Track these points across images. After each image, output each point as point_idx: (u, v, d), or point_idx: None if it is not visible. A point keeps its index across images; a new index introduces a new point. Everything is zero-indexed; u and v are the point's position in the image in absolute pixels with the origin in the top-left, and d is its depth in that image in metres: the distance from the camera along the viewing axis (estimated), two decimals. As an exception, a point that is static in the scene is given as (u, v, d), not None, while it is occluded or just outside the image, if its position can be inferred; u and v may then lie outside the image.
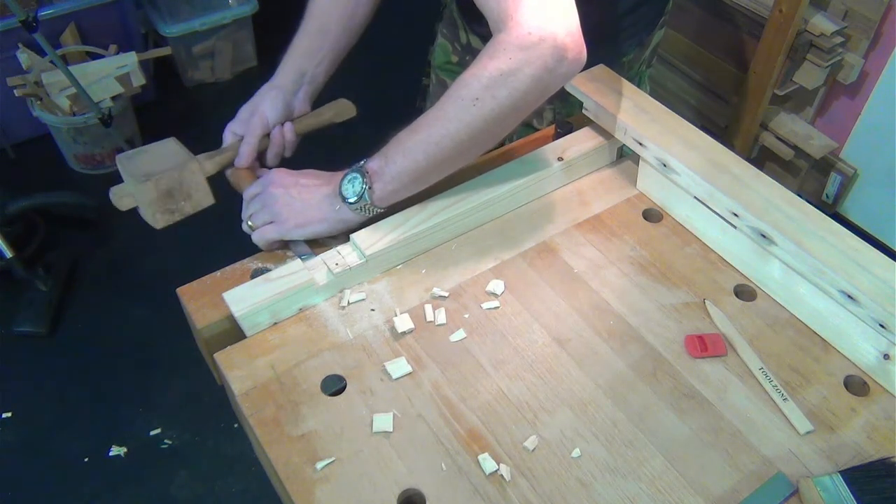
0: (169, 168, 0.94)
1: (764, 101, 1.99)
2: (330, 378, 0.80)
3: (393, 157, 0.85)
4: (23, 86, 2.12)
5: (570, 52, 0.79)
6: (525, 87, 0.80)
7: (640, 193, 1.01)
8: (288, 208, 0.89)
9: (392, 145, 0.86)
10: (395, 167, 0.85)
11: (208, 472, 1.68)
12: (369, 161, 0.87)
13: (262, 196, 0.92)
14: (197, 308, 0.85)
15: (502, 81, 0.79)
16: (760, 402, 0.79)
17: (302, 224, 0.89)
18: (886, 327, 0.76)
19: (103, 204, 1.56)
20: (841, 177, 2.06)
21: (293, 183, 0.91)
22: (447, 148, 0.83)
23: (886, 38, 1.86)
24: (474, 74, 0.81)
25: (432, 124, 0.83)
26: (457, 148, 0.83)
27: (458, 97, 0.81)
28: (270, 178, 0.92)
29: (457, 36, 1.22)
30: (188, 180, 0.95)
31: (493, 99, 0.80)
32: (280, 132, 1.02)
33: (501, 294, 0.88)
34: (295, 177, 0.92)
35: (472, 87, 0.81)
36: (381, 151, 0.87)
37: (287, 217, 0.89)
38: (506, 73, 0.79)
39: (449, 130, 0.82)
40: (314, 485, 0.71)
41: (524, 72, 0.79)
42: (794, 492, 0.72)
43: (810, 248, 0.80)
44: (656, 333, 0.85)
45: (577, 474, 0.73)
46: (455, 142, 0.83)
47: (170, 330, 1.81)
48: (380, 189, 0.86)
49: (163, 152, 0.96)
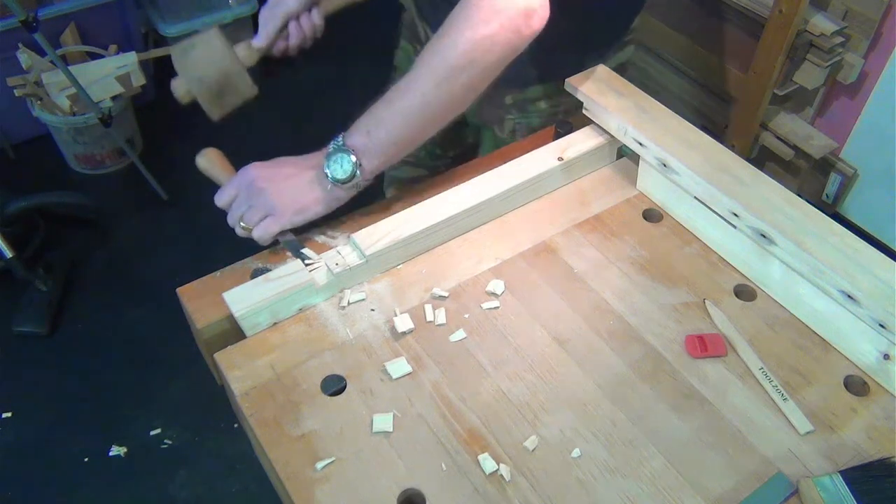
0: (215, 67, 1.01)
1: (764, 101, 1.99)
2: (330, 378, 0.80)
3: (375, 132, 0.87)
4: (23, 86, 2.12)
5: (537, 13, 0.84)
6: (500, 51, 0.84)
7: (640, 193, 1.01)
8: (280, 199, 0.89)
9: (370, 119, 0.87)
10: (379, 141, 0.87)
11: (208, 472, 1.68)
12: (348, 137, 0.88)
13: (246, 196, 0.90)
14: (197, 308, 0.85)
15: (478, 48, 0.82)
16: (760, 402, 0.79)
17: (299, 210, 0.89)
18: (886, 327, 0.76)
19: (103, 204, 1.56)
20: (841, 177, 2.06)
21: (275, 174, 0.90)
22: (428, 116, 0.87)
23: (886, 38, 1.85)
24: (451, 42, 0.83)
25: (411, 95, 0.86)
26: (437, 115, 0.87)
27: (434, 66, 0.84)
28: (248, 176, 0.90)
29: (418, 38, 1.24)
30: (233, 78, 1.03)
31: (470, 66, 0.83)
32: (308, 17, 1.05)
33: (501, 294, 0.88)
34: (272, 168, 0.91)
35: (448, 57, 0.83)
36: (359, 127, 0.88)
37: (283, 208, 0.89)
38: (481, 40, 0.82)
39: (428, 100, 0.85)
40: (314, 485, 0.71)
41: (499, 36, 0.82)
42: (794, 492, 0.72)
43: (810, 248, 0.80)
44: (656, 333, 0.85)
45: (577, 474, 0.73)
46: (435, 109, 0.86)
47: (170, 330, 1.81)
48: (368, 164, 0.88)
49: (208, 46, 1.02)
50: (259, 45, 1.05)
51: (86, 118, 2.13)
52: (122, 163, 2.35)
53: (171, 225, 2.22)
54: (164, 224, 2.23)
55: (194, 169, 0.98)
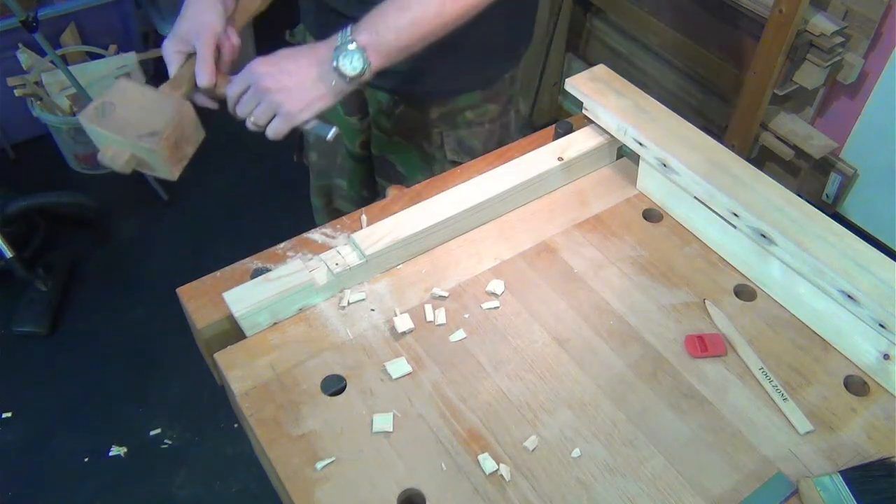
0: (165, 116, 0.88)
1: (764, 101, 1.98)
2: (330, 378, 0.80)
3: (384, 34, 0.88)
4: (23, 86, 2.12)
5: None
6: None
7: (640, 193, 1.01)
8: (287, 97, 0.89)
9: (380, 20, 0.89)
10: (387, 43, 0.88)
11: (208, 472, 1.68)
12: (358, 33, 0.88)
13: (253, 93, 0.90)
14: (197, 308, 0.85)
15: None
16: (760, 402, 0.79)
17: (305, 107, 0.90)
18: (886, 327, 0.76)
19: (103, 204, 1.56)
20: (841, 177, 2.06)
21: (279, 71, 0.90)
22: (437, 26, 0.89)
23: (886, 38, 1.85)
24: None
25: (426, 4, 0.88)
26: (446, 26, 0.90)
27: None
28: (254, 72, 0.90)
29: None
30: (187, 123, 0.91)
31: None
32: (228, 39, 0.96)
33: (501, 294, 0.88)
34: (277, 64, 0.90)
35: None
36: (368, 25, 0.89)
37: (290, 107, 0.89)
38: None
39: (443, 11, 0.87)
40: (314, 485, 0.71)
41: None
42: (794, 492, 0.72)
43: (810, 248, 0.80)
44: (656, 333, 0.85)
45: (577, 474, 0.73)
46: (446, 20, 0.89)
47: (170, 330, 1.82)
48: (375, 62, 0.89)
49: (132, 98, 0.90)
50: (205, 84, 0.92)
51: (86, 118, 2.13)
52: (122, 163, 2.34)
53: (171, 225, 2.22)
54: (164, 224, 2.23)
55: (194, 168, 0.98)
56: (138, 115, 0.88)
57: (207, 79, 0.92)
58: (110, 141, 0.89)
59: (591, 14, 2.36)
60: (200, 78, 0.92)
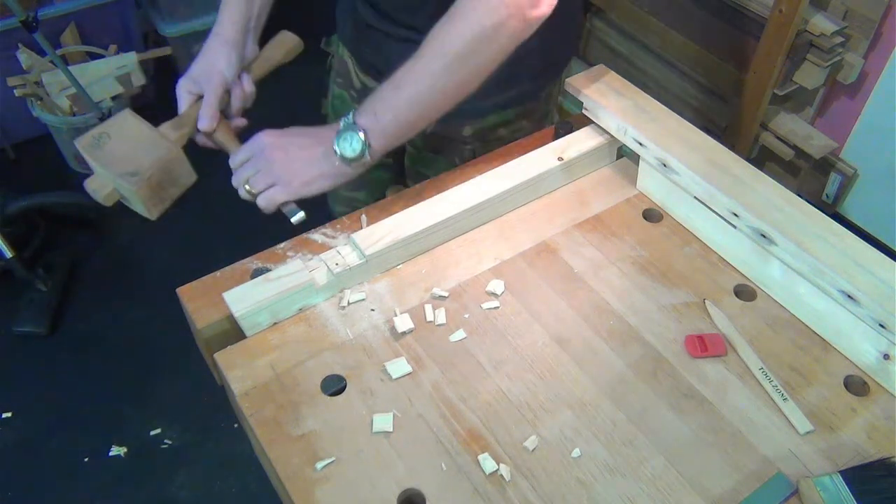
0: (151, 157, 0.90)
1: (764, 101, 1.98)
2: (330, 378, 0.80)
3: (382, 115, 0.88)
4: (23, 86, 2.12)
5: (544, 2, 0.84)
6: (506, 38, 0.84)
7: (640, 193, 1.01)
8: (289, 169, 0.89)
9: (377, 101, 0.88)
10: (386, 123, 0.88)
11: (208, 472, 1.68)
12: (358, 116, 0.88)
13: (256, 160, 0.91)
14: (197, 308, 0.85)
15: (486, 36, 0.83)
16: (760, 402, 0.79)
17: (307, 182, 0.90)
18: (886, 327, 0.76)
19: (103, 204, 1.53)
20: (841, 177, 2.06)
21: (288, 143, 0.91)
22: (435, 101, 0.88)
23: (886, 38, 1.85)
24: (459, 30, 0.84)
25: (419, 80, 0.86)
26: (443, 100, 0.88)
27: (443, 53, 0.85)
28: (261, 141, 0.91)
29: (350, 82, 1.21)
30: (175, 167, 0.93)
31: (477, 53, 0.84)
32: (240, 86, 1.00)
33: (501, 294, 0.88)
34: (287, 137, 0.91)
35: (456, 44, 0.84)
36: (367, 107, 0.88)
37: (291, 178, 0.89)
38: (488, 27, 0.83)
39: (436, 86, 0.86)
40: (314, 485, 0.71)
41: (506, 24, 0.83)
42: (794, 492, 0.72)
43: (810, 248, 0.80)
44: (656, 333, 0.85)
45: (577, 474, 0.73)
46: (442, 95, 0.87)
47: (170, 330, 1.81)
48: (376, 143, 0.88)
49: (128, 133, 0.92)
50: (205, 128, 0.96)
51: (86, 118, 2.13)
52: (122, 163, 2.34)
53: (171, 225, 2.22)
54: (164, 224, 2.22)
55: (194, 169, 0.98)
56: (127, 152, 0.90)
57: (207, 123, 0.96)
58: (97, 171, 0.91)
59: (591, 14, 2.36)
60: (201, 121, 0.96)
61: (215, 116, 0.97)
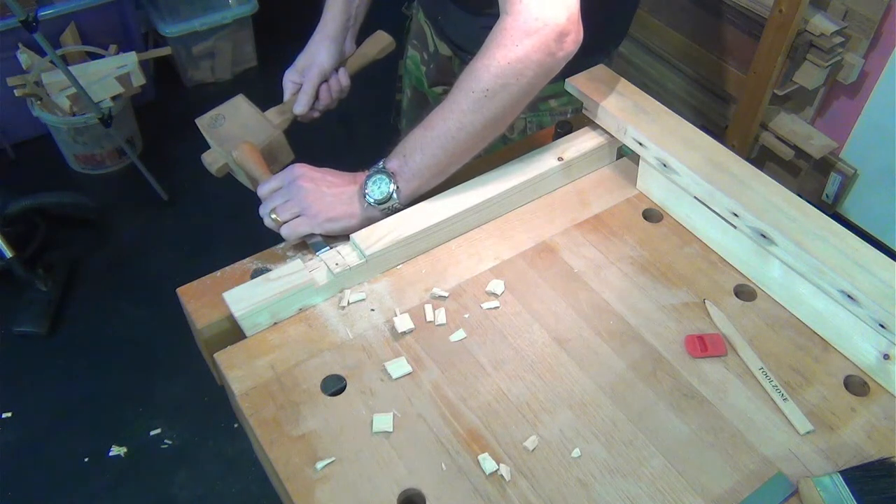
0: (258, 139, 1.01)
1: (764, 101, 1.99)
2: (330, 378, 0.80)
3: (411, 155, 0.88)
4: (23, 86, 2.12)
5: (570, 36, 0.84)
6: (532, 73, 0.84)
7: (640, 193, 1.01)
8: (319, 202, 0.89)
9: (408, 143, 0.89)
10: (415, 165, 0.88)
11: (208, 472, 1.68)
12: (388, 161, 0.89)
13: (287, 189, 0.91)
14: (197, 308, 0.85)
15: (511, 71, 0.83)
16: (760, 402, 0.79)
17: (333, 218, 0.90)
18: (886, 327, 0.76)
19: (103, 204, 1.56)
20: (841, 177, 2.06)
21: (321, 178, 0.91)
22: (463, 140, 0.87)
23: (886, 38, 1.85)
24: (484, 66, 0.84)
25: (447, 118, 0.86)
26: (473, 139, 0.87)
27: (469, 90, 0.85)
28: (295, 172, 0.92)
29: (425, 45, 1.25)
30: (276, 147, 1.03)
31: (503, 89, 0.84)
32: (336, 79, 1.12)
33: (501, 294, 0.88)
34: (321, 173, 0.92)
35: (482, 80, 0.84)
36: (397, 151, 0.89)
37: (318, 211, 0.89)
38: (514, 62, 0.82)
39: (463, 123, 0.86)
40: (314, 485, 0.71)
41: (531, 59, 0.82)
42: (794, 492, 0.72)
43: (810, 248, 0.80)
44: (656, 333, 0.85)
45: (577, 474, 0.73)
46: (470, 133, 0.86)
47: (170, 330, 1.82)
48: (405, 188, 0.89)
49: (240, 116, 1.02)
50: (300, 112, 1.08)
51: (86, 118, 2.13)
52: (122, 163, 2.35)
53: (171, 225, 2.22)
54: (164, 224, 2.23)
55: (194, 169, 0.98)
56: (239, 133, 1.01)
57: (301, 108, 1.10)
58: (213, 147, 1.02)
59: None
60: (297, 106, 1.10)
61: (309, 103, 1.10)
